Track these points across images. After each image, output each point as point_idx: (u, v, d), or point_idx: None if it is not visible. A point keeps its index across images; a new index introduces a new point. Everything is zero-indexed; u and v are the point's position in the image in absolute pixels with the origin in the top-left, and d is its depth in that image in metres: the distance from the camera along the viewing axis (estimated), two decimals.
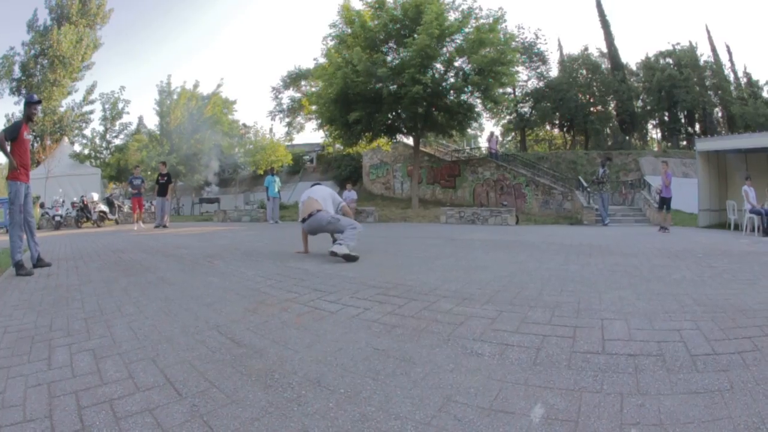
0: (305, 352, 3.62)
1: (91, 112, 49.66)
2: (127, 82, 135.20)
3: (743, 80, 58.94)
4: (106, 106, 46.96)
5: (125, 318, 4.78)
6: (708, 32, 62.79)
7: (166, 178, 24.26)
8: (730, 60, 59.99)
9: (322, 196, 10.13)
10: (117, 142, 47.55)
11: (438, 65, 31.57)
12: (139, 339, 4.04)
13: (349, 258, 8.83)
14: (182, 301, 5.53)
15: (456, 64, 31.59)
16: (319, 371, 3.23)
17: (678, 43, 59.03)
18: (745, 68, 64.08)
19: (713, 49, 59.01)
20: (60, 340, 4.07)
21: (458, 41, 30.91)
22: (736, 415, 2.47)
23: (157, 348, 3.78)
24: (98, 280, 7.25)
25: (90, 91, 49.57)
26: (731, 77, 58.85)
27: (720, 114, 57.31)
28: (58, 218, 24.96)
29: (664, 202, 20.21)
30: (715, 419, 2.44)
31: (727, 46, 63.91)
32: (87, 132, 48.96)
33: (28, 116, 8.57)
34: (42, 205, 26.72)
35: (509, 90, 46.34)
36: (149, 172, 40.19)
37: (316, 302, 5.31)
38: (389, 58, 31.54)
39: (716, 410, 2.54)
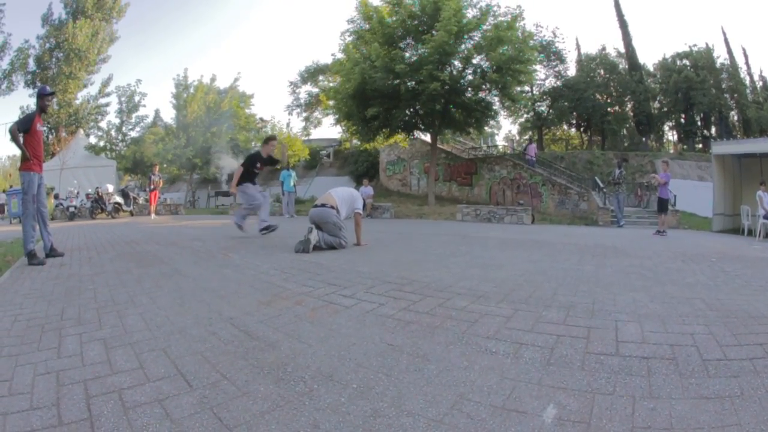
0: (318, 347, 3.61)
1: (107, 104, 50.40)
2: (143, 74, 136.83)
3: (759, 84, 58.69)
4: (123, 98, 47.53)
5: (138, 308, 4.77)
6: (724, 34, 63.16)
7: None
8: (746, 63, 59.77)
9: (342, 197, 10.28)
10: (133, 134, 48.01)
11: (456, 62, 31.46)
12: (151, 329, 4.03)
13: (306, 246, 9.34)
14: (196, 293, 5.52)
15: (474, 61, 31.44)
16: (331, 366, 3.22)
17: (695, 45, 59.06)
18: (761, 72, 63.52)
19: (729, 52, 58.79)
20: (71, 329, 4.05)
21: (476, 38, 30.71)
22: (745, 422, 2.45)
23: (169, 339, 3.77)
24: (111, 271, 7.26)
25: (106, 83, 50.37)
26: (747, 80, 58.68)
27: (736, 117, 57.03)
28: (72, 209, 25.25)
29: (662, 204, 19.91)
30: (724, 426, 2.42)
31: (743, 49, 63.76)
32: (103, 124, 49.57)
33: (41, 108, 8.61)
34: (56, 196, 26.91)
35: (527, 88, 46.14)
36: (165, 165, 40.42)
37: (331, 296, 5.30)
38: (407, 55, 31.40)
39: (726, 416, 2.52)
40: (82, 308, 4.82)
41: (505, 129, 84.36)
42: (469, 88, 31.29)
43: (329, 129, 56.28)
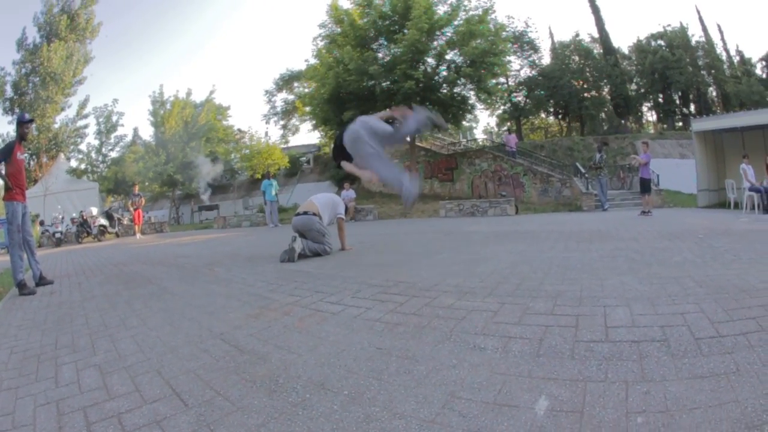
0: (308, 356, 3.64)
1: (86, 126, 49.87)
2: (120, 94, 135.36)
3: (736, 58, 59.29)
4: (100, 119, 47.42)
5: (129, 331, 4.80)
6: (698, 12, 63.59)
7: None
8: (722, 39, 60.28)
9: (324, 203, 10.38)
10: (113, 154, 47.86)
11: (429, 59, 31.65)
12: (144, 351, 4.06)
13: (291, 255, 9.34)
14: (185, 311, 5.55)
15: (447, 57, 31.69)
16: (322, 374, 3.24)
17: (669, 25, 59.62)
18: (737, 47, 64.51)
19: (704, 29, 59.30)
20: (66, 358, 4.08)
21: (448, 34, 30.90)
22: (743, 398, 2.45)
23: (162, 359, 3.80)
24: (101, 295, 7.27)
25: (83, 105, 49.66)
26: (724, 56, 59.20)
27: (714, 93, 57.46)
28: (58, 235, 25.02)
29: (645, 184, 20.05)
30: (721, 403, 2.42)
31: (718, 26, 65.00)
32: (82, 147, 49.28)
33: (20, 136, 8.60)
34: (42, 223, 26.81)
35: (502, 80, 46.29)
36: (147, 183, 40.32)
37: (318, 304, 5.32)
38: (380, 55, 31.62)
39: (723, 394, 2.52)
40: (75, 335, 4.84)
41: (484, 122, 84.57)
42: (444, 84, 31.49)
43: (307, 135, 56.40)
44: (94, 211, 27.71)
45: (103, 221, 27.63)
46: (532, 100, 55.31)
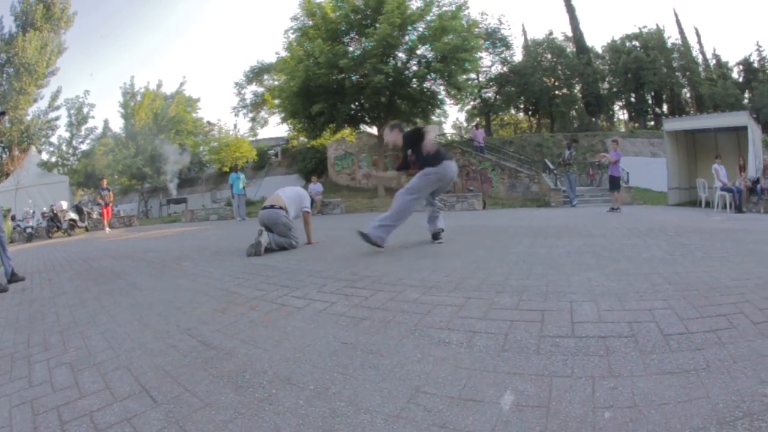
0: (274, 351, 3.65)
1: (57, 118, 48.94)
2: (92, 85, 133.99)
3: (712, 62, 60.90)
4: (71, 111, 46.73)
5: (99, 327, 4.79)
6: (676, 15, 64.86)
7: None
8: (699, 42, 61.90)
9: (290, 197, 10.39)
10: (83, 147, 47.36)
11: (400, 54, 31.81)
12: (113, 348, 4.04)
13: (258, 249, 9.37)
14: (153, 306, 5.54)
15: (418, 52, 31.79)
16: (288, 369, 3.24)
17: (645, 26, 60.83)
18: (714, 50, 66.05)
19: (681, 32, 60.75)
20: (38, 356, 4.08)
21: (420, 29, 31.07)
22: (714, 394, 2.46)
23: (131, 356, 3.80)
24: (71, 291, 7.23)
25: (55, 97, 48.69)
26: (700, 59, 60.63)
27: (688, 95, 58.44)
28: (29, 230, 24.64)
29: (614, 181, 20.42)
30: (691, 399, 2.43)
31: (696, 29, 66.07)
32: (53, 139, 48.56)
33: None
34: (13, 218, 26.50)
35: (473, 76, 46.47)
36: (116, 176, 40.04)
37: (284, 299, 5.33)
38: (351, 49, 31.62)
39: (692, 390, 2.53)
40: (47, 333, 4.83)
41: (453, 117, 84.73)
42: (414, 79, 31.62)
43: (276, 128, 55.97)
44: (64, 205, 27.33)
45: (73, 215, 27.33)
46: (502, 96, 55.91)
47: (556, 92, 55.41)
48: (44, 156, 45.17)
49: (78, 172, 43.21)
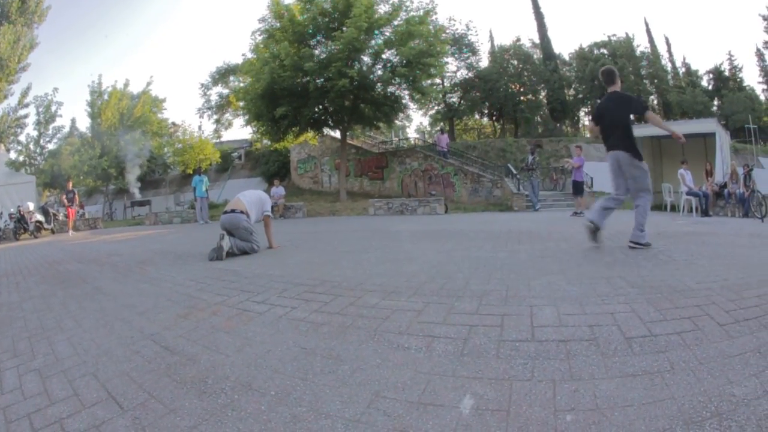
0: (236, 356, 3.70)
1: (26, 116, 47.87)
2: (61, 83, 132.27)
3: (682, 70, 61.69)
4: (40, 109, 45.83)
5: (65, 333, 4.82)
6: (646, 24, 65.92)
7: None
8: (669, 51, 63.49)
9: (251, 201, 10.45)
10: (51, 146, 46.64)
11: (366, 58, 32.04)
12: (80, 354, 4.11)
13: (220, 253, 9.36)
14: (117, 312, 5.54)
15: (384, 56, 31.98)
16: (250, 375, 3.29)
17: (614, 35, 61.90)
18: (684, 59, 67.26)
19: (651, 41, 62.39)
20: (8, 363, 4.10)
21: (387, 34, 31.22)
22: (679, 396, 2.51)
23: (97, 362, 3.85)
24: (38, 296, 7.22)
25: (25, 94, 47.35)
26: (669, 67, 61.45)
27: (656, 102, 58.95)
28: None
29: (577, 186, 20.80)
30: (656, 401, 2.48)
31: (666, 38, 67.79)
32: (22, 138, 47.67)
33: None
34: None
35: (437, 81, 46.77)
36: (81, 177, 39.66)
37: (245, 304, 5.37)
38: (317, 52, 31.65)
39: (657, 392, 2.58)
40: (15, 339, 4.84)
41: (417, 121, 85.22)
42: (379, 83, 31.81)
43: (240, 130, 56.03)
44: (31, 206, 26.70)
45: (40, 217, 26.76)
46: (467, 101, 56.25)
47: (522, 98, 55.90)
48: (12, 155, 44.49)
49: (45, 173, 42.53)
